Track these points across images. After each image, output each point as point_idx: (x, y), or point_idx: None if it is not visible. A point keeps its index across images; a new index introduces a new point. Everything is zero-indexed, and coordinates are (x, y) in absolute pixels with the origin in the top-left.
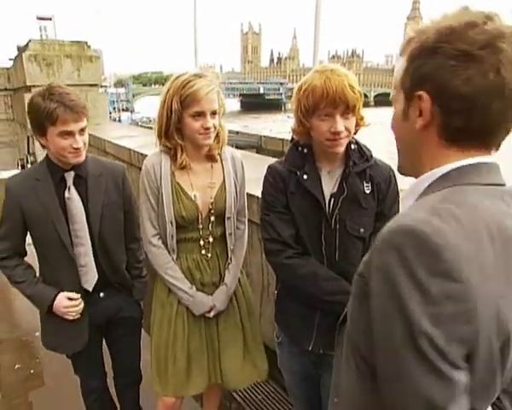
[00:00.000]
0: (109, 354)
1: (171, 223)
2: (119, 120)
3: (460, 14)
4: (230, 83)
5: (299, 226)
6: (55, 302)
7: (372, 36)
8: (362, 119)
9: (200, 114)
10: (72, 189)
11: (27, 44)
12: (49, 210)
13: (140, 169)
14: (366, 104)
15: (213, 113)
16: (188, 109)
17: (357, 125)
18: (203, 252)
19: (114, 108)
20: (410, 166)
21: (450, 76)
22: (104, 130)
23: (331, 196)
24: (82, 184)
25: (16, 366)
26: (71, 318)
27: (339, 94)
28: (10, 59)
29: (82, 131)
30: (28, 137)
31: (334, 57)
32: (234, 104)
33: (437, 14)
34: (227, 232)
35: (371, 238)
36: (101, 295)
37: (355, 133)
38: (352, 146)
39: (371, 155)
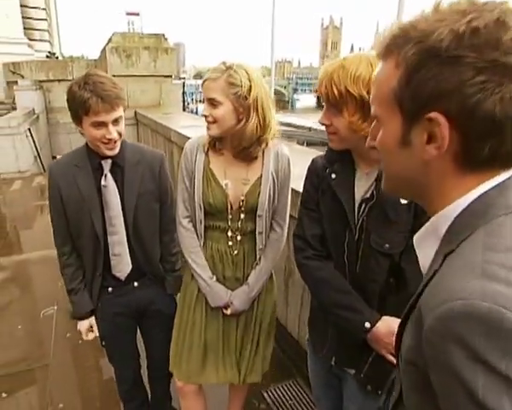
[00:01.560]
0: (143, 344)
1: (200, 207)
2: (196, 112)
3: (475, 6)
4: (307, 78)
5: (325, 228)
6: (81, 321)
7: None
8: None
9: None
10: (109, 176)
11: (111, 37)
12: (85, 197)
13: None
14: None
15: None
16: None
17: None
18: (230, 244)
19: (192, 100)
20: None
21: (481, 96)
22: (173, 119)
23: (362, 201)
24: (118, 172)
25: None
26: (84, 337)
27: None
28: None
29: (116, 121)
30: None
31: None
32: (310, 99)
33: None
34: (257, 230)
35: (402, 257)
36: (136, 284)
37: None
38: None
39: None
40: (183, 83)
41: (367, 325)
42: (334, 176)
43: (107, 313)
